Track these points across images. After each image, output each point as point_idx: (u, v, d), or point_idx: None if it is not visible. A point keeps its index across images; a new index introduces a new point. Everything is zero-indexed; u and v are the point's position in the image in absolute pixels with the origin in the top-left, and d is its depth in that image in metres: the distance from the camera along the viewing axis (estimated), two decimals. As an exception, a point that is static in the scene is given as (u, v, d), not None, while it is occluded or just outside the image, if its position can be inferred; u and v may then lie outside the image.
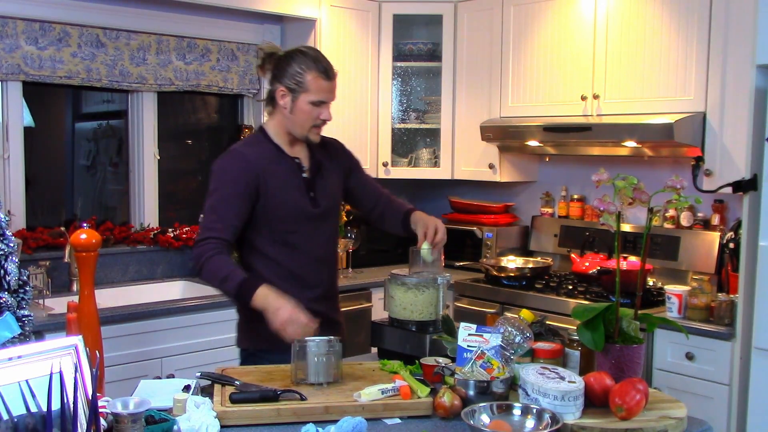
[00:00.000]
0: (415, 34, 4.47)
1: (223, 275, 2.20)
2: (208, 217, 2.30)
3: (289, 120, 2.35)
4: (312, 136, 2.37)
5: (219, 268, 2.21)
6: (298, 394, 1.84)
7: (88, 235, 1.91)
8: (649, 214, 1.95)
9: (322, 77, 2.30)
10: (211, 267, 2.21)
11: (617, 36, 3.54)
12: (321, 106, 2.32)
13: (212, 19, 4.02)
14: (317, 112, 2.32)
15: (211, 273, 2.22)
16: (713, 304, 3.07)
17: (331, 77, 2.33)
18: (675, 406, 1.87)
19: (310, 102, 2.30)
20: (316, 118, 2.33)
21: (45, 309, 3.10)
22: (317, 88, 2.30)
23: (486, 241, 4.17)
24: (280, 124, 2.38)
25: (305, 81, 2.29)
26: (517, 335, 1.98)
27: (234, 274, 2.20)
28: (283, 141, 2.40)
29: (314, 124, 2.34)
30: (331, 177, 2.47)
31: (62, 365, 1.42)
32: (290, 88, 2.31)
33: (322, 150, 2.48)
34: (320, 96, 2.31)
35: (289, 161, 2.38)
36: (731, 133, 3.18)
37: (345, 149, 2.59)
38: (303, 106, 2.31)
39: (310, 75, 2.29)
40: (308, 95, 2.30)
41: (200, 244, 2.26)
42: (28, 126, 3.59)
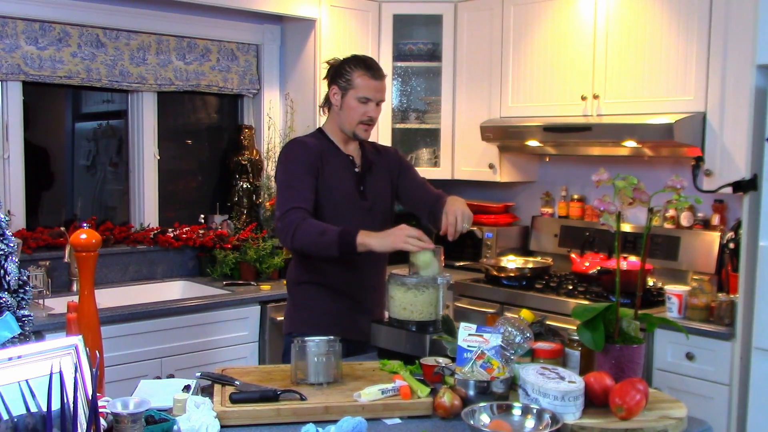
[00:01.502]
0: (415, 34, 4.47)
1: (320, 229, 2.32)
2: (285, 194, 2.44)
3: (339, 117, 2.55)
4: (360, 133, 2.55)
5: (314, 227, 2.33)
6: (298, 394, 1.84)
7: (88, 235, 1.91)
8: (649, 214, 1.96)
9: (368, 75, 2.50)
10: (305, 228, 2.32)
11: (617, 36, 3.54)
12: (368, 104, 2.51)
13: (212, 19, 4.02)
14: (364, 109, 2.50)
15: (306, 233, 2.32)
16: (713, 304, 3.07)
17: (377, 77, 2.52)
18: (675, 406, 1.87)
19: (357, 98, 2.50)
20: (363, 115, 2.51)
21: (45, 309, 3.10)
22: (364, 86, 2.49)
23: (486, 241, 4.17)
24: (335, 122, 2.58)
25: (353, 78, 2.50)
26: (517, 335, 1.98)
27: (330, 227, 2.32)
28: (339, 139, 2.58)
29: (361, 120, 2.51)
30: (381, 176, 2.64)
31: (62, 365, 1.42)
32: (341, 86, 2.52)
33: (376, 153, 2.67)
34: (366, 93, 2.50)
35: (343, 156, 2.57)
36: (731, 133, 3.18)
37: (398, 153, 2.77)
38: (351, 102, 2.51)
39: (357, 73, 2.50)
40: (356, 92, 2.50)
41: (285, 216, 2.36)
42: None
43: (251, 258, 3.80)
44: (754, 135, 2.80)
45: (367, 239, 2.27)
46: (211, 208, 4.19)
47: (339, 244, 2.27)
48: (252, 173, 4.18)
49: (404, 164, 2.76)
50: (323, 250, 2.33)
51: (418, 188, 2.72)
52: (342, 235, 2.28)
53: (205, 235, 3.92)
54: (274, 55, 4.28)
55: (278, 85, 4.30)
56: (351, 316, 2.55)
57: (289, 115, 4.21)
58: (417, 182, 2.73)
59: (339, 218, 2.46)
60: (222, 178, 4.28)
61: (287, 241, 2.36)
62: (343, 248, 2.28)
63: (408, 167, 2.76)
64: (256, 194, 4.19)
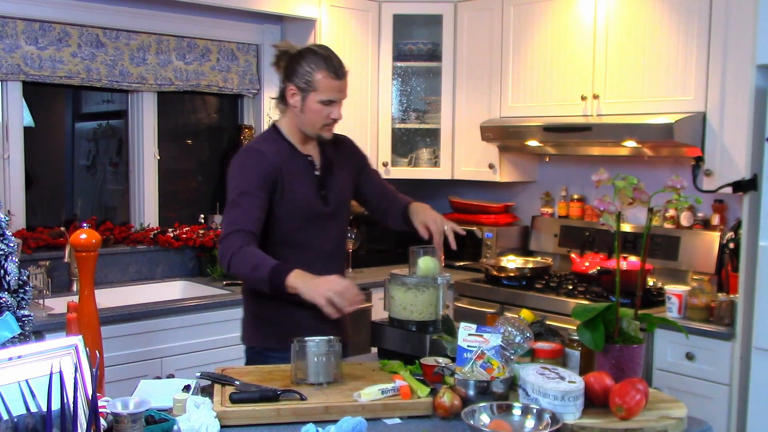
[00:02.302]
0: (415, 34, 4.47)
1: (253, 263, 2.18)
2: (232, 212, 2.27)
3: (300, 119, 2.37)
4: (324, 134, 2.39)
5: (249, 258, 2.19)
6: (298, 394, 1.84)
7: (88, 235, 1.91)
8: (649, 214, 1.95)
9: (332, 77, 2.31)
10: (241, 257, 2.19)
11: (617, 36, 3.54)
12: (331, 105, 2.34)
13: (212, 19, 4.02)
14: (327, 111, 2.34)
15: (241, 264, 2.19)
16: (713, 304, 3.07)
17: (340, 76, 2.33)
18: (675, 406, 1.86)
19: (319, 101, 2.31)
20: (326, 117, 2.34)
21: (45, 309, 3.10)
22: (327, 88, 2.31)
23: (486, 241, 4.17)
24: (292, 122, 2.40)
25: (314, 80, 2.30)
26: (517, 335, 1.98)
27: (265, 261, 2.18)
28: (296, 139, 2.41)
29: (325, 123, 2.36)
30: (342, 175, 2.49)
31: (62, 365, 1.42)
32: (300, 87, 2.32)
33: (333, 148, 2.50)
34: (330, 95, 2.32)
35: (303, 159, 2.40)
36: (731, 133, 3.18)
37: (355, 147, 2.62)
38: (313, 105, 2.32)
39: (320, 74, 2.30)
40: (318, 94, 2.31)
41: (226, 238, 2.23)
42: (28, 126, 3.58)
43: (251, 258, 3.80)
44: (754, 135, 2.80)
45: (297, 283, 2.12)
46: (211, 208, 4.19)
47: (269, 282, 2.15)
48: (252, 173, 4.17)
49: (363, 160, 2.61)
50: (255, 285, 2.24)
51: (380, 189, 2.61)
52: (273, 274, 2.14)
53: (205, 235, 3.92)
54: (274, 55, 4.28)
55: (278, 85, 4.29)
56: (315, 325, 2.35)
57: (289, 115, 4.20)
58: (374, 178, 2.62)
59: (301, 228, 2.36)
60: (222, 178, 4.28)
61: (224, 266, 2.23)
62: (274, 288, 2.15)
63: (366, 162, 2.62)
64: (256, 194, 4.18)
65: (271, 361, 2.32)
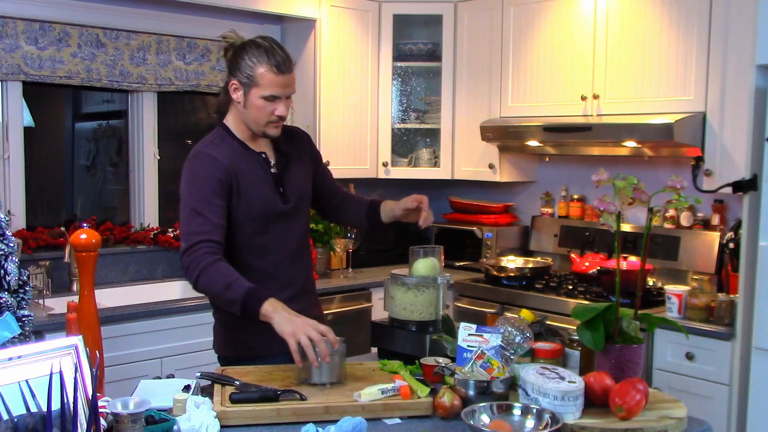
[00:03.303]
0: (415, 34, 4.47)
1: (226, 282, 2.05)
2: (192, 222, 2.13)
3: (244, 115, 2.24)
4: (270, 131, 2.25)
5: (220, 276, 2.06)
6: (298, 394, 1.84)
7: (88, 235, 1.91)
8: (649, 214, 1.95)
9: (274, 71, 2.16)
10: (211, 274, 2.06)
11: (617, 36, 3.55)
12: (275, 102, 2.19)
13: (212, 19, 4.02)
14: (271, 107, 2.19)
15: (211, 281, 2.07)
16: (713, 304, 3.07)
17: (284, 71, 2.17)
18: (675, 406, 1.86)
19: (262, 97, 2.17)
20: (270, 114, 2.20)
21: (45, 309, 3.10)
22: (269, 83, 2.16)
23: (486, 241, 4.17)
24: (238, 118, 2.27)
25: (256, 75, 2.16)
26: (517, 335, 1.97)
27: (238, 282, 2.05)
28: (246, 136, 2.29)
29: (269, 120, 2.22)
30: (299, 169, 2.37)
31: (62, 365, 1.42)
32: (242, 82, 2.19)
33: (287, 140, 2.37)
34: (272, 91, 2.17)
35: (255, 157, 2.28)
36: (731, 133, 3.18)
37: (311, 141, 2.50)
38: (255, 101, 2.18)
39: (262, 68, 2.15)
40: (260, 90, 2.17)
41: (191, 250, 2.09)
42: (28, 126, 3.59)
43: (251, 258, 3.80)
44: (754, 135, 2.80)
45: (271, 314, 1.99)
46: (211, 208, 4.18)
47: (242, 306, 2.02)
48: (252, 173, 4.17)
49: (316, 152, 2.50)
50: (224, 304, 2.10)
51: (328, 181, 2.51)
52: (247, 299, 2.02)
53: (205, 235, 3.91)
54: (274, 55, 4.28)
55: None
56: None
57: (289, 115, 4.19)
58: (328, 174, 2.53)
59: (261, 231, 2.25)
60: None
61: (191, 281, 2.10)
62: (245, 312, 2.03)
63: (320, 161, 2.51)
64: (256, 194, 4.18)
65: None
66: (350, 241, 4.02)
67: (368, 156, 4.25)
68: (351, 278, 3.99)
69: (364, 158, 4.21)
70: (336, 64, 4.11)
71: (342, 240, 3.97)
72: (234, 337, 2.32)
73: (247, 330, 2.26)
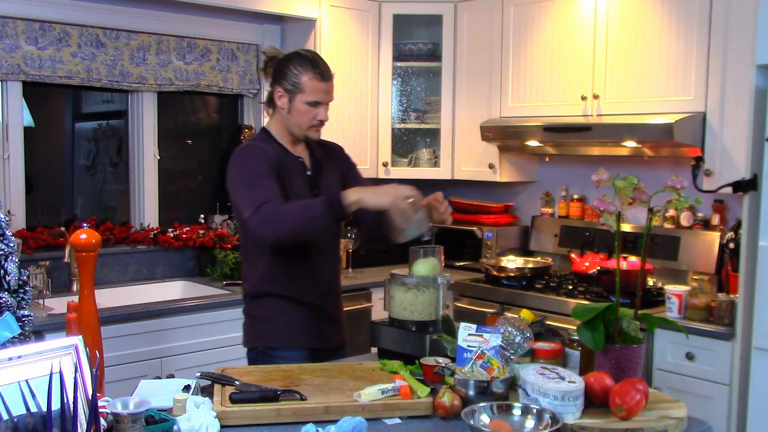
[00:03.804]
0: (415, 34, 4.47)
1: (303, 204, 2.19)
2: (251, 193, 2.24)
3: (287, 120, 2.41)
4: (311, 135, 2.44)
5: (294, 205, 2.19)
6: (298, 394, 1.84)
7: (88, 235, 1.91)
8: (649, 214, 1.96)
9: (317, 78, 2.36)
10: (285, 210, 2.17)
11: (617, 36, 3.55)
12: (317, 107, 2.38)
13: (212, 19, 4.02)
14: (314, 112, 2.38)
15: (289, 214, 2.16)
16: (713, 304, 3.07)
17: (326, 78, 2.38)
18: (675, 406, 1.86)
19: (306, 102, 2.36)
20: (313, 119, 2.39)
21: (45, 309, 3.10)
22: (312, 89, 2.36)
23: (486, 241, 4.17)
24: (281, 124, 2.44)
25: (301, 82, 2.35)
26: (517, 335, 1.97)
27: (313, 199, 2.22)
28: (287, 141, 2.46)
29: (311, 124, 2.40)
30: (331, 177, 2.53)
31: (62, 365, 1.42)
32: (287, 89, 2.38)
33: (322, 151, 2.55)
34: (316, 96, 2.37)
35: (294, 160, 2.45)
36: (731, 133, 3.18)
37: (343, 152, 2.66)
38: (299, 106, 2.37)
39: (306, 76, 2.35)
40: (304, 96, 2.36)
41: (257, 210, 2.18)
42: (28, 126, 3.59)
43: (251, 258, 3.80)
44: (754, 135, 2.80)
45: (357, 196, 2.13)
46: (211, 208, 4.19)
47: (329, 210, 2.12)
48: (252, 173, 4.17)
49: (349, 162, 2.65)
50: (312, 224, 2.16)
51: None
52: (328, 202, 2.13)
53: (205, 235, 3.92)
54: (274, 55, 4.28)
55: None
56: (315, 326, 2.46)
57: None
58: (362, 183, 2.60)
59: None
60: (222, 178, 4.27)
61: (269, 230, 2.17)
62: (334, 213, 2.12)
63: (354, 166, 2.65)
64: (256, 194, 4.18)
65: (272, 360, 2.36)
66: (350, 241, 4.02)
67: (368, 156, 4.25)
68: (351, 278, 3.99)
69: (364, 158, 4.21)
70: (336, 64, 4.09)
71: (342, 240, 3.97)
72: (262, 329, 2.46)
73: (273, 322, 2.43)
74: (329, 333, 2.53)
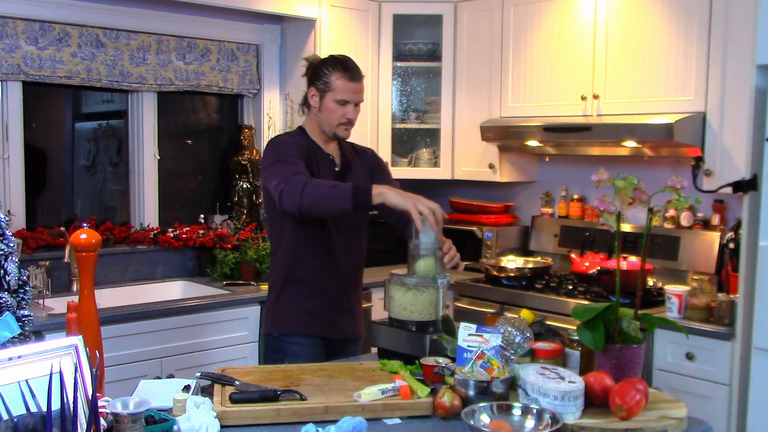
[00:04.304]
0: (415, 34, 4.47)
1: (331, 183, 2.33)
2: (281, 168, 2.38)
3: (318, 118, 2.58)
4: (340, 133, 2.59)
5: (324, 182, 2.35)
6: (298, 394, 1.84)
7: (88, 235, 1.91)
8: (649, 214, 1.96)
9: (346, 78, 2.53)
10: (315, 183, 2.30)
11: (617, 36, 3.55)
12: (346, 106, 2.54)
13: (212, 19, 4.02)
14: (342, 111, 2.54)
15: (317, 186, 2.29)
16: (713, 304, 3.07)
17: (355, 79, 2.55)
18: (675, 406, 1.87)
19: (335, 101, 2.53)
20: (341, 117, 2.54)
21: (45, 309, 3.10)
22: (341, 88, 2.52)
23: (486, 241, 4.17)
24: (314, 123, 2.61)
25: (331, 81, 2.53)
26: (517, 335, 1.97)
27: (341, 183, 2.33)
28: (319, 139, 2.61)
29: (340, 122, 2.55)
30: (360, 176, 2.65)
31: (62, 365, 1.42)
32: (319, 88, 2.55)
33: (354, 154, 2.71)
34: (344, 95, 2.53)
35: (325, 156, 2.60)
36: (731, 133, 3.18)
37: (375, 154, 2.82)
38: (329, 104, 2.54)
39: (335, 76, 2.53)
40: (334, 94, 2.53)
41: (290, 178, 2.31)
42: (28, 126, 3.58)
43: (251, 258, 3.80)
44: (754, 135, 2.80)
45: (383, 190, 2.25)
46: (211, 208, 4.19)
47: (353, 195, 2.24)
48: (252, 173, 4.18)
49: (381, 166, 2.78)
50: (335, 202, 2.26)
51: None
52: (356, 186, 2.26)
53: (205, 235, 3.92)
54: (274, 55, 4.28)
55: (278, 85, 4.30)
56: (330, 315, 2.60)
57: (289, 115, 4.21)
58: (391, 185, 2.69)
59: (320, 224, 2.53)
60: (222, 178, 4.28)
61: (294, 198, 2.27)
62: (358, 199, 2.24)
63: (384, 169, 2.78)
64: (256, 194, 4.19)
65: (287, 347, 2.52)
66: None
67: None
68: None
69: (364, 158, 4.21)
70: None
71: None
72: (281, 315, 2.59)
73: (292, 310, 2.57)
74: (343, 324, 2.62)
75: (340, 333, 2.62)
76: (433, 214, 2.18)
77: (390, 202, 2.22)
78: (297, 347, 2.53)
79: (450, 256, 2.34)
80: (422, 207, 2.18)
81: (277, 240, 2.61)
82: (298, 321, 2.56)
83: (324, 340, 2.60)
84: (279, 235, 2.60)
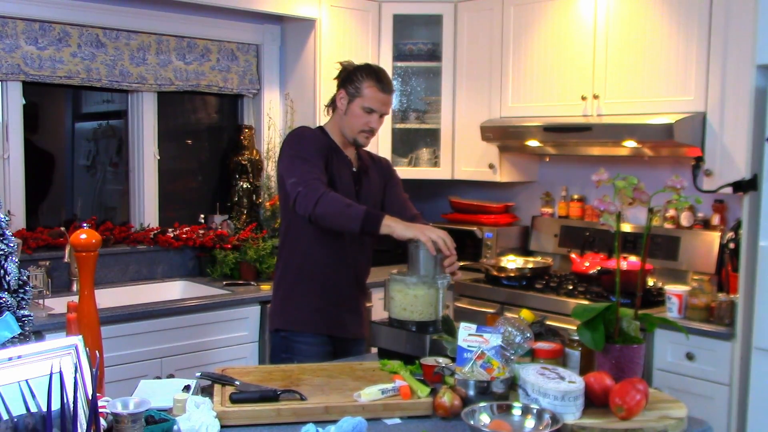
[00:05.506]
0: (415, 34, 4.47)
1: (347, 202, 2.35)
2: (301, 167, 2.43)
3: (342, 121, 2.62)
4: (360, 140, 2.62)
5: (340, 198, 2.36)
6: (298, 394, 1.84)
7: (88, 235, 1.91)
8: (649, 214, 1.96)
9: (377, 88, 2.57)
10: (332, 196, 2.34)
11: (617, 36, 3.54)
12: (371, 114, 2.58)
13: (212, 19, 4.02)
14: (367, 118, 2.58)
15: (333, 200, 2.33)
16: (713, 304, 3.07)
17: (386, 91, 2.59)
18: (675, 406, 1.87)
19: (362, 107, 2.57)
20: (365, 124, 2.58)
21: (45, 309, 3.10)
22: (371, 96, 2.56)
23: (486, 241, 4.17)
24: (336, 125, 2.65)
25: (362, 87, 2.57)
26: (517, 335, 1.97)
27: (357, 204, 2.36)
28: (339, 141, 2.65)
29: (362, 129, 2.59)
30: (374, 181, 2.72)
31: (62, 365, 1.42)
32: (349, 92, 2.59)
33: (370, 161, 2.76)
34: (372, 104, 2.56)
35: (343, 156, 2.64)
36: (731, 133, 3.18)
37: (390, 166, 2.86)
38: (356, 110, 2.58)
39: (367, 83, 2.57)
40: (363, 101, 2.57)
41: (305, 183, 2.36)
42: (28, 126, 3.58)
43: (251, 258, 3.80)
44: (754, 135, 2.80)
45: (392, 222, 2.29)
46: (211, 208, 4.19)
47: (364, 219, 2.28)
48: (252, 173, 4.18)
49: (394, 176, 2.82)
50: (345, 221, 2.32)
51: (399, 203, 2.76)
52: (369, 212, 2.30)
53: (205, 235, 3.92)
54: (274, 55, 4.28)
55: (278, 85, 4.30)
56: (337, 314, 2.62)
57: (289, 115, 4.21)
58: (400, 198, 2.79)
59: None
60: (222, 178, 4.28)
61: (309, 204, 2.33)
62: (367, 225, 2.29)
63: (397, 181, 2.82)
64: (256, 194, 4.19)
65: (294, 345, 2.55)
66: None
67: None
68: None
69: (364, 158, 4.21)
70: (336, 64, 4.10)
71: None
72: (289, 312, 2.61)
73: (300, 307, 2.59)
74: (348, 322, 2.65)
75: (344, 330, 2.64)
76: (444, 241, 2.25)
77: (397, 235, 2.28)
78: (306, 346, 2.56)
79: (450, 261, 2.35)
80: (432, 234, 2.25)
81: (286, 228, 2.64)
82: (307, 319, 2.58)
83: (331, 338, 2.62)
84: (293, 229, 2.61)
